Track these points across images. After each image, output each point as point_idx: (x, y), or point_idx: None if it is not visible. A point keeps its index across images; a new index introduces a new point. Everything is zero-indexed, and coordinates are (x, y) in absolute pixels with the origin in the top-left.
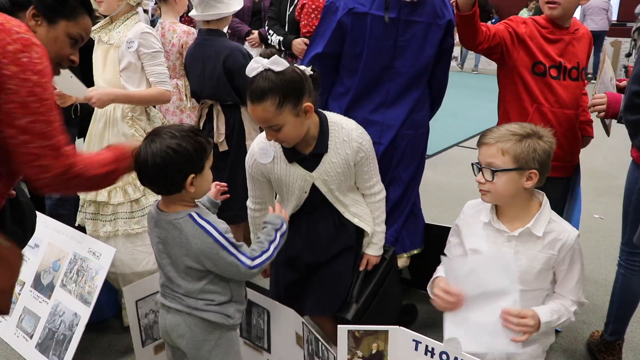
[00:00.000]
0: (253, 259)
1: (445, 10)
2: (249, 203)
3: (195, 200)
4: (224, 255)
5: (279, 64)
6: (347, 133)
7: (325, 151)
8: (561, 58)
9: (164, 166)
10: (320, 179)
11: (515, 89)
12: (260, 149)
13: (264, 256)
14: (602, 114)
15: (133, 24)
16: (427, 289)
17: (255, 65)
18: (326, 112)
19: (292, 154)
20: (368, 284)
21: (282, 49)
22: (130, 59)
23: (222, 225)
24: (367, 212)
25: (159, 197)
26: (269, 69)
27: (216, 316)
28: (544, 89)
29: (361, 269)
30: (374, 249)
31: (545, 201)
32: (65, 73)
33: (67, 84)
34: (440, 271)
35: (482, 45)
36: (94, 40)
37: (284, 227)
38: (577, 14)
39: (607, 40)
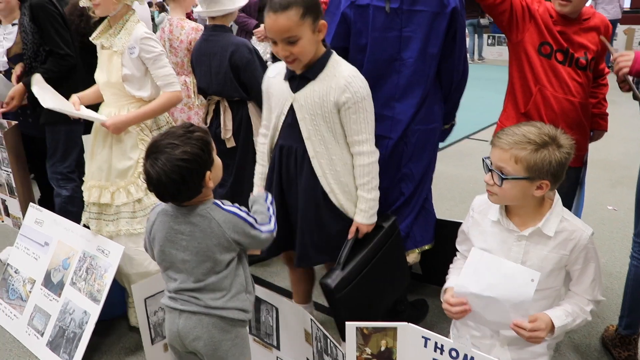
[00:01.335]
0: (264, 225)
1: None
2: (260, 130)
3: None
4: (251, 232)
5: None
6: (340, 71)
7: (312, 77)
8: (568, 45)
9: (181, 179)
10: (298, 102)
11: (521, 66)
12: (275, 65)
13: (273, 219)
14: (623, 71)
15: (133, 28)
16: (441, 297)
17: None
18: (334, 52)
19: (290, 72)
20: (358, 251)
21: None
22: (132, 66)
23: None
24: (340, 179)
25: None
26: None
27: (234, 312)
28: (549, 72)
29: (350, 236)
30: (362, 216)
31: (557, 199)
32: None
33: (84, 112)
34: (449, 281)
35: None
36: (95, 45)
37: (269, 195)
38: (588, 2)
39: (620, 28)
